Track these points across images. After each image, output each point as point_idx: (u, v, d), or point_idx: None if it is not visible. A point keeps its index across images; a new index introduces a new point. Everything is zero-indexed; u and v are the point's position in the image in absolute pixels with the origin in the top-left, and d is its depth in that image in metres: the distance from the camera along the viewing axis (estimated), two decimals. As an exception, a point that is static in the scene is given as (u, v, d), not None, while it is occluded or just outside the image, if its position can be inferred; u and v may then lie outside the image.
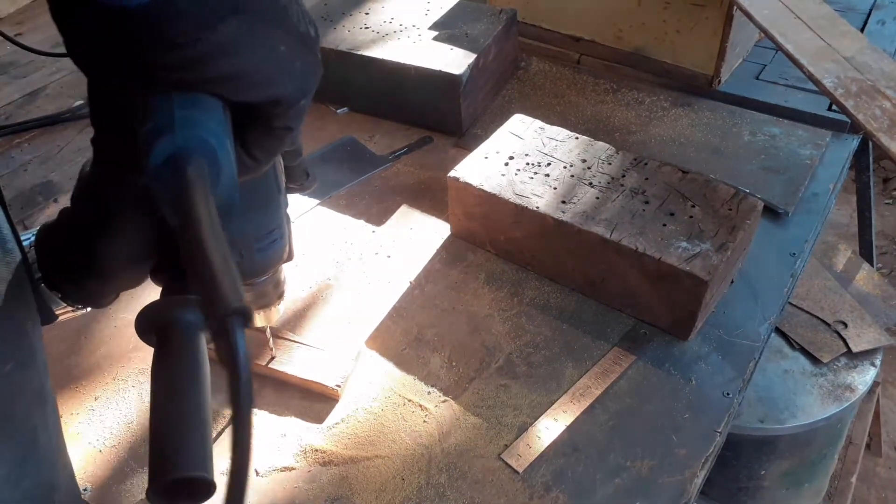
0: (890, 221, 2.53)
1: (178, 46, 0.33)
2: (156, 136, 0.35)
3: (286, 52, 0.37)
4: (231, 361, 0.30)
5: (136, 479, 0.67)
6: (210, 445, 0.46)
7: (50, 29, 1.44)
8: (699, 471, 0.66)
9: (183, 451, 0.45)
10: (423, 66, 1.03)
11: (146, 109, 0.36)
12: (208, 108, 0.37)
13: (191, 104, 0.37)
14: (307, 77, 0.39)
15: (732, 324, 0.80)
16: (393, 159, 1.05)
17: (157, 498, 0.44)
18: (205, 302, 0.31)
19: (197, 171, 0.35)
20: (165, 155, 0.36)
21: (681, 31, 1.12)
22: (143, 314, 0.50)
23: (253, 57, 0.36)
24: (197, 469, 0.44)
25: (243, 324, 0.30)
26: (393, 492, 0.66)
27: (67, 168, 1.08)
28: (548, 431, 0.69)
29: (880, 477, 1.85)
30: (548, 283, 0.85)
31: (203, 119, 0.37)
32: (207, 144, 0.37)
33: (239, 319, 0.30)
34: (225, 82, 0.36)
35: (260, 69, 0.36)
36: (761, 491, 1.30)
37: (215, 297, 0.30)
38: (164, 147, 0.36)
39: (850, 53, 0.98)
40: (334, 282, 0.86)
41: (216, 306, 0.30)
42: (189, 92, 0.36)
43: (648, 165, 0.84)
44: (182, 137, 0.36)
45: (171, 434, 0.45)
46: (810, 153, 1.00)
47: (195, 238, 0.33)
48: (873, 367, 1.21)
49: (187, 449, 0.45)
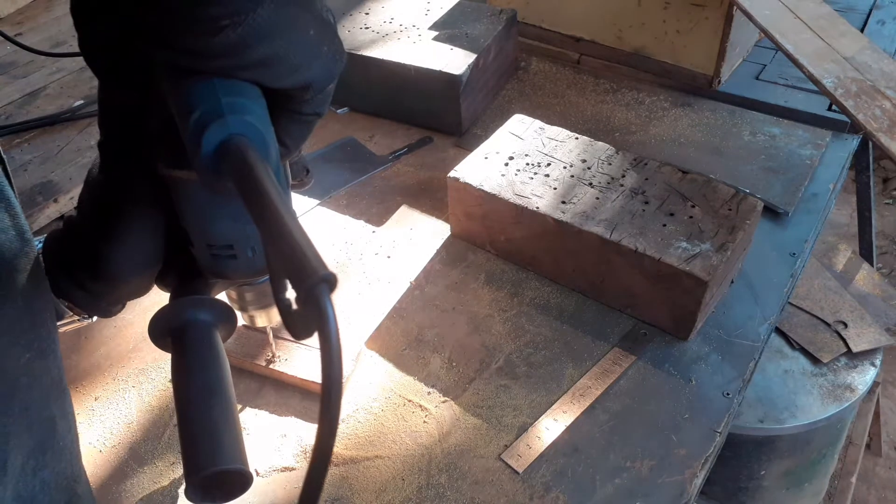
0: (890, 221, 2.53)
1: (222, 29, 0.33)
2: (206, 123, 0.35)
3: (315, 37, 0.38)
4: (323, 328, 0.30)
5: (136, 479, 0.67)
6: (242, 439, 0.47)
7: (50, 29, 1.45)
8: (699, 471, 0.66)
9: (219, 446, 0.45)
10: (423, 66, 1.03)
11: (188, 99, 0.36)
12: (250, 94, 0.37)
13: (235, 90, 0.37)
14: (335, 61, 0.39)
15: (732, 324, 0.80)
16: (393, 159, 1.05)
17: (195, 494, 0.45)
18: (291, 273, 0.31)
19: (255, 153, 0.35)
20: (218, 141, 0.36)
21: (681, 31, 1.12)
22: (157, 319, 0.50)
23: (288, 41, 0.36)
24: (234, 462, 0.45)
25: (330, 290, 0.30)
26: (393, 492, 0.66)
27: (67, 168, 1.08)
28: (548, 432, 0.69)
29: (880, 477, 1.85)
30: (548, 284, 0.85)
31: (248, 104, 0.37)
32: (256, 129, 0.37)
33: (326, 286, 0.30)
34: (263, 67, 0.36)
35: (294, 53, 0.37)
36: (761, 491, 1.30)
37: (302, 266, 0.31)
38: (215, 134, 0.36)
39: (850, 53, 0.98)
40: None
41: (303, 275, 0.30)
42: (228, 79, 0.37)
43: (648, 165, 0.84)
44: (233, 123, 0.36)
45: (205, 430, 0.46)
46: (810, 153, 1.00)
47: (272, 215, 0.33)
48: (873, 367, 1.21)
49: (222, 443, 0.45)
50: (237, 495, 0.46)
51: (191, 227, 0.50)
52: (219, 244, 0.50)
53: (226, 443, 0.45)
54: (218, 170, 0.36)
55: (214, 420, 0.46)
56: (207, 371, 0.49)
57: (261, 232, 0.34)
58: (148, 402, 0.74)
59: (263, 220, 0.33)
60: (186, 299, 0.52)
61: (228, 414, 0.47)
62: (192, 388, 0.48)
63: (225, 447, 0.45)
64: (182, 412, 0.48)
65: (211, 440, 0.45)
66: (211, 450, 0.45)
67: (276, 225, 0.32)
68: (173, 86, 0.37)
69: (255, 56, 0.35)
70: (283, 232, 0.32)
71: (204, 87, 0.36)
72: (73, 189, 1.04)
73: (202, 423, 0.46)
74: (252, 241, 0.50)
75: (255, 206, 0.34)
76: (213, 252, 0.50)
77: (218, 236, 0.49)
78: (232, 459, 0.45)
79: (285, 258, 0.31)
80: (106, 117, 0.43)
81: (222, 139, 0.36)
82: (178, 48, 0.34)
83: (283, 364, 0.74)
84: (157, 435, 0.71)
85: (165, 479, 0.67)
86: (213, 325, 0.52)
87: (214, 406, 0.47)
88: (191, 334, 0.51)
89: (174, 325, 0.51)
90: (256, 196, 0.34)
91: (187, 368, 0.49)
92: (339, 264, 0.88)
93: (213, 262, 0.51)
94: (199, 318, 0.51)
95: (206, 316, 0.51)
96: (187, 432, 0.47)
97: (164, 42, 0.34)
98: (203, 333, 0.51)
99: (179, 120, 0.37)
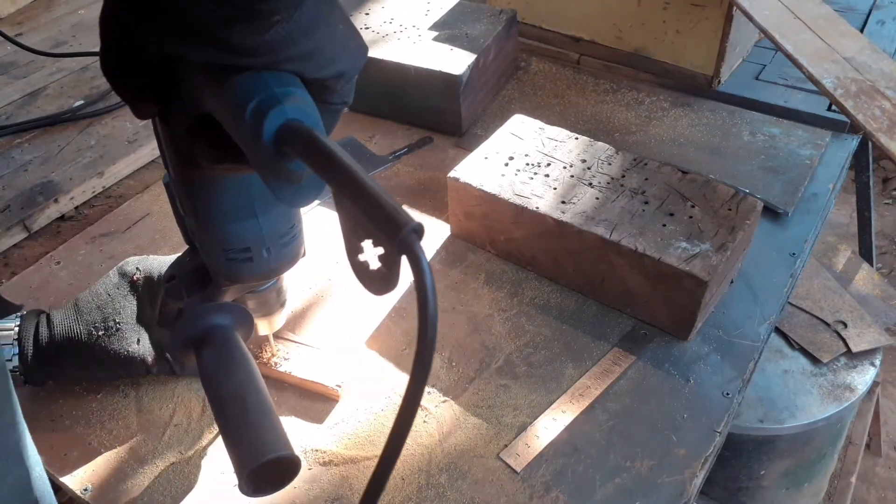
0: (889, 221, 2.53)
1: (273, 25, 0.36)
2: (265, 111, 0.37)
3: (343, 30, 0.41)
4: (418, 273, 0.32)
5: (137, 479, 0.67)
6: (282, 427, 0.48)
7: (50, 29, 1.45)
8: (699, 471, 0.66)
9: (265, 437, 0.47)
10: (423, 66, 1.03)
11: (240, 93, 0.38)
12: (298, 84, 0.39)
13: (284, 81, 0.38)
14: (360, 54, 0.44)
15: (732, 324, 0.80)
16: (393, 159, 1.05)
17: (249, 488, 0.46)
18: (382, 226, 0.33)
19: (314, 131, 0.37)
20: (277, 125, 0.37)
21: (681, 31, 1.12)
22: (178, 331, 0.51)
23: (324, 35, 0.39)
24: (280, 449, 0.46)
25: (420, 238, 0.33)
26: (393, 492, 0.66)
27: (67, 168, 1.08)
28: (546, 431, 0.69)
29: (880, 477, 1.85)
30: (548, 284, 0.85)
31: (300, 93, 0.39)
32: (310, 114, 0.39)
33: (415, 235, 0.33)
34: (305, 60, 0.39)
35: (330, 46, 0.40)
36: (761, 491, 1.30)
37: (391, 219, 0.33)
38: (275, 119, 0.37)
39: (849, 54, 0.98)
40: (334, 282, 0.86)
41: (393, 227, 0.33)
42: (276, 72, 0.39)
43: (648, 166, 0.84)
44: (290, 109, 0.38)
45: (246, 426, 0.47)
46: (810, 153, 1.00)
47: (351, 177, 0.35)
48: (873, 367, 1.21)
49: (265, 435, 0.47)
50: (289, 481, 0.48)
51: (209, 232, 0.51)
52: (236, 247, 0.51)
53: (268, 433, 0.47)
54: (280, 153, 0.38)
55: (253, 415, 0.48)
56: (237, 371, 0.50)
57: (341, 193, 0.36)
58: (148, 402, 0.74)
59: (343, 182, 0.35)
60: (203, 307, 0.53)
61: (264, 406, 0.49)
62: (226, 389, 0.49)
63: (268, 438, 0.46)
64: (220, 414, 0.49)
65: (253, 434, 0.47)
66: (255, 443, 0.46)
67: (357, 185, 0.34)
68: (216, 84, 0.39)
69: (300, 49, 0.38)
70: (366, 190, 0.34)
71: (255, 80, 0.38)
72: (73, 189, 1.04)
73: (241, 421, 0.48)
74: (267, 241, 0.51)
75: (332, 171, 0.35)
76: (229, 256, 0.51)
77: (236, 239, 0.50)
78: (276, 448, 0.46)
79: (373, 214, 0.33)
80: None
81: (281, 123, 0.37)
82: (226, 46, 0.36)
83: (282, 364, 0.74)
84: (157, 435, 0.71)
85: (165, 479, 0.67)
86: (233, 328, 0.52)
87: (250, 402, 0.48)
88: (214, 339, 0.51)
89: (196, 333, 0.51)
90: (331, 162, 0.35)
91: (217, 372, 0.50)
92: (339, 264, 0.88)
93: (229, 266, 0.52)
94: (220, 322, 0.52)
95: (226, 320, 0.52)
96: (229, 432, 0.48)
97: (211, 41, 0.36)
98: (225, 336, 0.51)
99: (228, 114, 0.39)
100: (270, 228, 0.51)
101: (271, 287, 0.61)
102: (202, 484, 0.67)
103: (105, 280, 0.72)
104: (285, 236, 0.53)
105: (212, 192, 0.48)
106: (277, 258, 0.53)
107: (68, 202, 1.04)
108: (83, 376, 0.73)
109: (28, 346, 0.67)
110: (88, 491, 0.67)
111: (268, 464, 0.45)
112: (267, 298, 0.62)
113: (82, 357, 0.69)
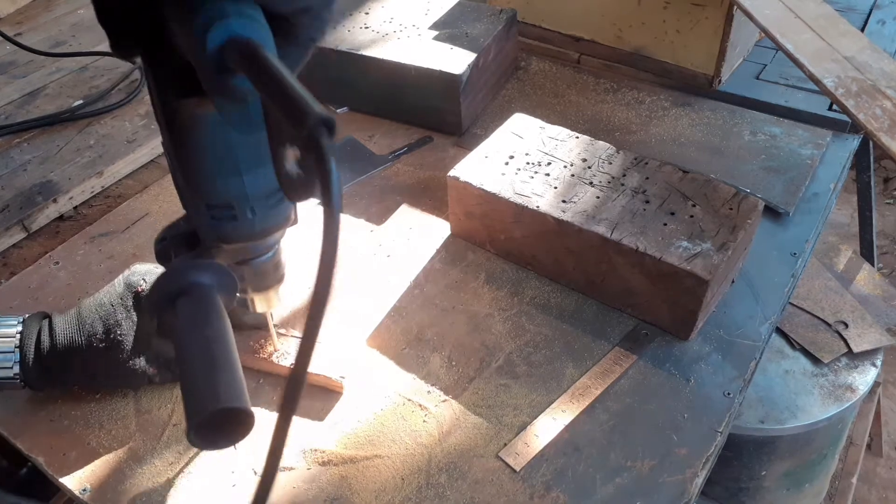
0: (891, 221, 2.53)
1: None
2: (210, 23, 0.37)
3: None
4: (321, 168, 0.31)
5: (136, 479, 0.67)
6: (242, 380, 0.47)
7: (50, 29, 1.45)
8: (700, 471, 0.66)
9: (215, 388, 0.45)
10: (423, 66, 1.03)
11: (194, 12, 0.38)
12: (256, 9, 0.39)
13: (241, 3, 0.39)
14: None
15: (733, 324, 0.79)
16: (393, 159, 1.05)
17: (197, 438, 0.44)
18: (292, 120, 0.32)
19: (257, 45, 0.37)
20: (223, 38, 0.37)
21: (681, 31, 1.11)
22: (157, 284, 0.50)
23: None
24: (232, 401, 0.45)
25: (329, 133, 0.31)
26: (393, 492, 0.65)
27: (67, 168, 1.08)
28: (547, 430, 0.69)
29: (881, 477, 1.85)
30: (548, 283, 0.84)
31: (253, 13, 0.39)
32: (261, 34, 0.39)
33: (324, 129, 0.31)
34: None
35: None
36: (762, 491, 1.30)
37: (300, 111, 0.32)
38: (220, 32, 0.37)
39: (850, 53, 0.98)
40: (335, 280, 0.86)
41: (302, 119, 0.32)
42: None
43: (649, 165, 0.84)
44: (237, 24, 0.38)
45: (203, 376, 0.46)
46: (811, 153, 1.00)
47: (271, 73, 0.34)
48: (874, 368, 1.21)
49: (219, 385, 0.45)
50: (241, 437, 0.46)
51: (192, 187, 0.50)
52: (219, 203, 0.50)
53: (222, 384, 0.45)
54: (223, 67, 0.37)
55: (212, 366, 0.46)
56: (208, 327, 0.48)
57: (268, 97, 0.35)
58: (147, 402, 0.74)
59: (262, 83, 0.35)
60: (186, 263, 0.52)
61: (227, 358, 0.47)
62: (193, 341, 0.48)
63: (221, 388, 0.45)
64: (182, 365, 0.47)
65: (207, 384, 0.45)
66: (208, 392, 0.45)
67: (274, 82, 0.34)
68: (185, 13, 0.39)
69: None
70: (282, 86, 0.33)
71: (214, 3, 0.38)
72: (73, 189, 1.04)
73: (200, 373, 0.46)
74: (252, 200, 0.51)
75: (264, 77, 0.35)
76: (214, 214, 0.51)
77: (219, 194, 0.50)
78: (229, 399, 0.44)
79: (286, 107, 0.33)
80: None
81: (228, 37, 0.37)
82: None
83: (284, 358, 0.74)
84: (155, 435, 0.71)
85: (165, 479, 0.67)
86: (214, 288, 0.51)
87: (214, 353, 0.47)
88: (191, 294, 0.50)
89: (175, 289, 0.50)
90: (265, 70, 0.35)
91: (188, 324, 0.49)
92: (339, 263, 0.88)
93: (214, 224, 0.51)
94: (201, 280, 0.51)
95: (207, 279, 0.51)
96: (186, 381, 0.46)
97: None
98: (204, 294, 0.51)
99: (187, 38, 0.39)
100: (255, 189, 0.51)
101: (268, 259, 0.60)
102: (201, 484, 0.67)
103: (110, 289, 0.71)
104: (271, 198, 0.52)
105: (195, 141, 0.48)
106: (263, 220, 0.53)
107: (67, 202, 1.04)
108: (83, 384, 0.73)
109: (30, 352, 0.67)
110: (87, 491, 0.66)
111: (218, 414, 0.44)
112: (265, 270, 0.61)
113: (83, 367, 0.68)
